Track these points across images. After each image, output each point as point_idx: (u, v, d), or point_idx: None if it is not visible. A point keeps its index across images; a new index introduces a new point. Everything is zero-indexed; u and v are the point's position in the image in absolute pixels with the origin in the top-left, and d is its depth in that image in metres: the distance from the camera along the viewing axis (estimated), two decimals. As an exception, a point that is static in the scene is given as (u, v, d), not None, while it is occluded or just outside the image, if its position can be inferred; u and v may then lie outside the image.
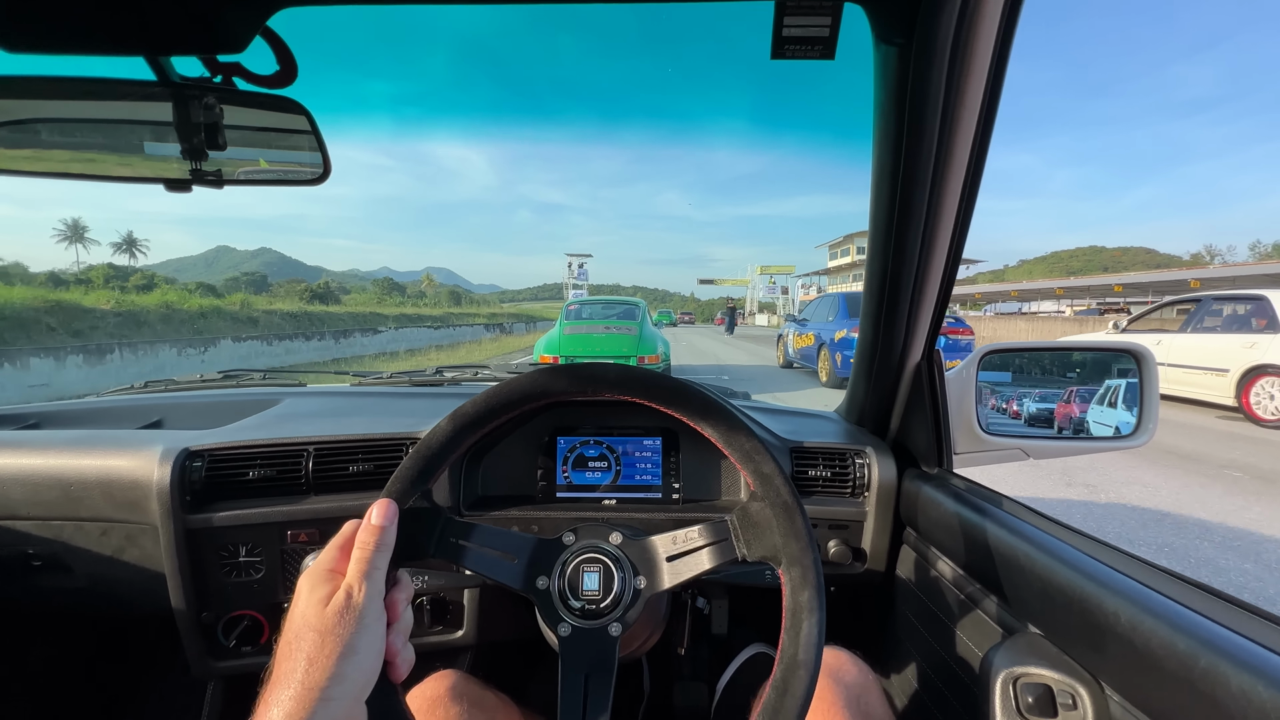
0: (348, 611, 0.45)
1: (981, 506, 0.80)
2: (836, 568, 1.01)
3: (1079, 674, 0.59)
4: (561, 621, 0.57)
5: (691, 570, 0.58)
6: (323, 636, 0.43)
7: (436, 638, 1.08)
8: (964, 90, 0.65)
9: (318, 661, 0.42)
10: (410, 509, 0.56)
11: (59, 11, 0.60)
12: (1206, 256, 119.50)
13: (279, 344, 15.65)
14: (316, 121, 0.71)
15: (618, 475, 1.06)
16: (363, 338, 19.86)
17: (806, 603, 0.52)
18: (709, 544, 0.58)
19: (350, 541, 0.50)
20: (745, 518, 0.58)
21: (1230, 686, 0.42)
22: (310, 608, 0.45)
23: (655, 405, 0.62)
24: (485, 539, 0.58)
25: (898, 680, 1.01)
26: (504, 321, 33.17)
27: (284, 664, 0.43)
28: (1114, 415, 1.03)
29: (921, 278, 0.86)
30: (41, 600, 1.09)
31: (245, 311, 18.08)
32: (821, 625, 0.52)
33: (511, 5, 0.65)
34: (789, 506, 0.56)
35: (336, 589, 0.46)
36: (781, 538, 0.55)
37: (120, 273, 43.19)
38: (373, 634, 0.46)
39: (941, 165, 0.72)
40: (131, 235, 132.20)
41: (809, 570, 0.54)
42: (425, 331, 23.55)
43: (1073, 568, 0.61)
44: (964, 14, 0.60)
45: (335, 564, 0.48)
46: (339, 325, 20.91)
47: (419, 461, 0.58)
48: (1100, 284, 37.63)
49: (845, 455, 1.03)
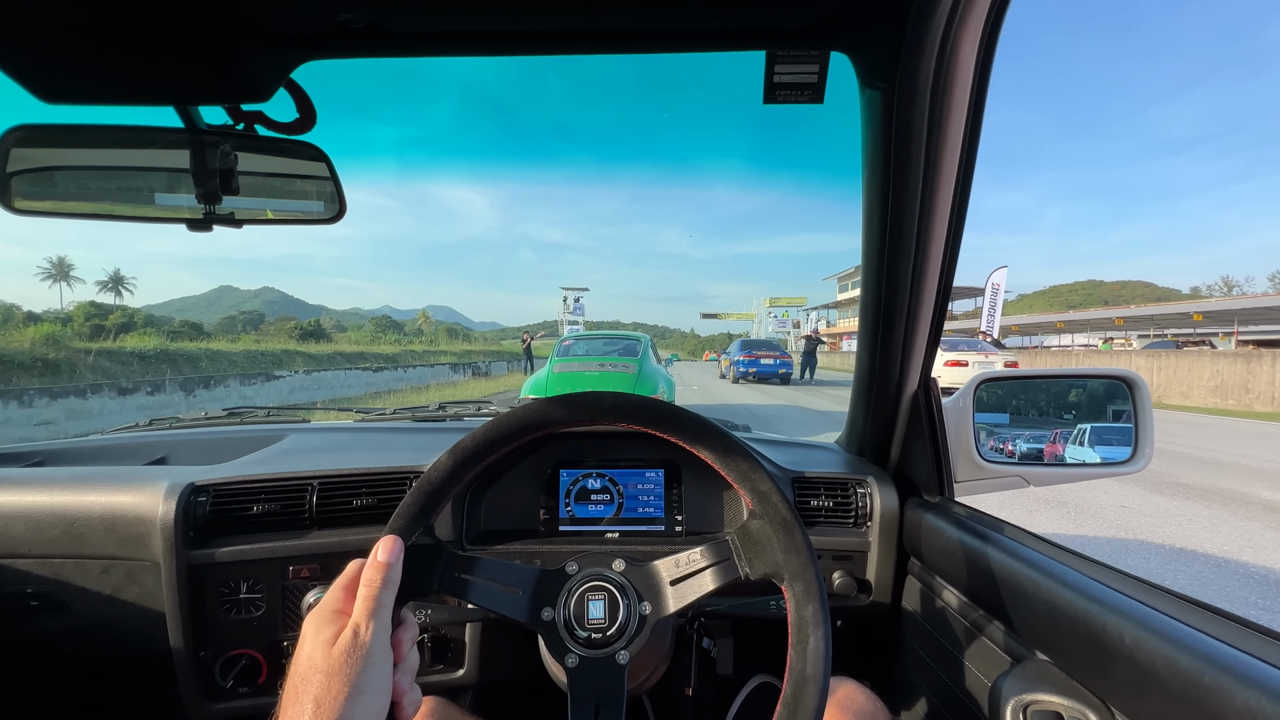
0: (354, 651, 0.44)
1: (984, 533, 0.81)
2: (842, 600, 1.00)
3: (1088, 699, 0.59)
4: (569, 653, 0.57)
5: (696, 592, 0.58)
6: (329, 678, 0.43)
7: (437, 677, 1.06)
8: (946, 129, 0.69)
9: (325, 703, 0.42)
10: (414, 545, 0.56)
11: (96, 64, 0.64)
12: (1224, 288, 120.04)
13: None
14: (331, 164, 0.75)
15: (620, 508, 1.06)
16: (243, 388, 13.19)
17: (811, 617, 0.52)
18: (711, 565, 0.58)
19: (355, 581, 0.49)
20: (745, 536, 0.58)
21: (1235, 703, 0.42)
22: (317, 649, 0.44)
23: (650, 430, 0.62)
24: (489, 572, 0.59)
25: (907, 712, 0.99)
26: (480, 360, 27.29)
27: (291, 708, 0.42)
28: (1085, 453, 1.09)
29: (914, 309, 0.88)
30: (37, 641, 1.07)
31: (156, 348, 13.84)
32: (828, 638, 0.52)
33: (514, 56, 0.70)
34: (788, 522, 0.56)
35: (342, 629, 0.45)
36: (783, 554, 0.56)
37: (101, 311, 42.56)
38: (380, 673, 0.45)
39: (928, 200, 0.75)
40: (119, 273, 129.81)
41: (811, 584, 0.54)
42: (355, 376, 17.35)
43: (1076, 591, 0.62)
44: (942, 58, 0.64)
45: (341, 604, 0.48)
46: (229, 369, 14.65)
47: (421, 497, 0.58)
48: (1100, 317, 37.40)
49: (847, 485, 1.04)
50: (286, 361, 17.34)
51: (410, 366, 21.09)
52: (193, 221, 0.73)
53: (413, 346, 32.27)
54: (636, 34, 0.66)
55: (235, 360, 15.92)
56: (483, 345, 44.25)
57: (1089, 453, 1.08)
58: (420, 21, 0.68)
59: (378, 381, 18.14)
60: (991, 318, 27.51)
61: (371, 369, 18.73)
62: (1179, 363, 14.65)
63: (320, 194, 0.78)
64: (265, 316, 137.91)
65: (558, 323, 70.50)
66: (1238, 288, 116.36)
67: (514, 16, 0.66)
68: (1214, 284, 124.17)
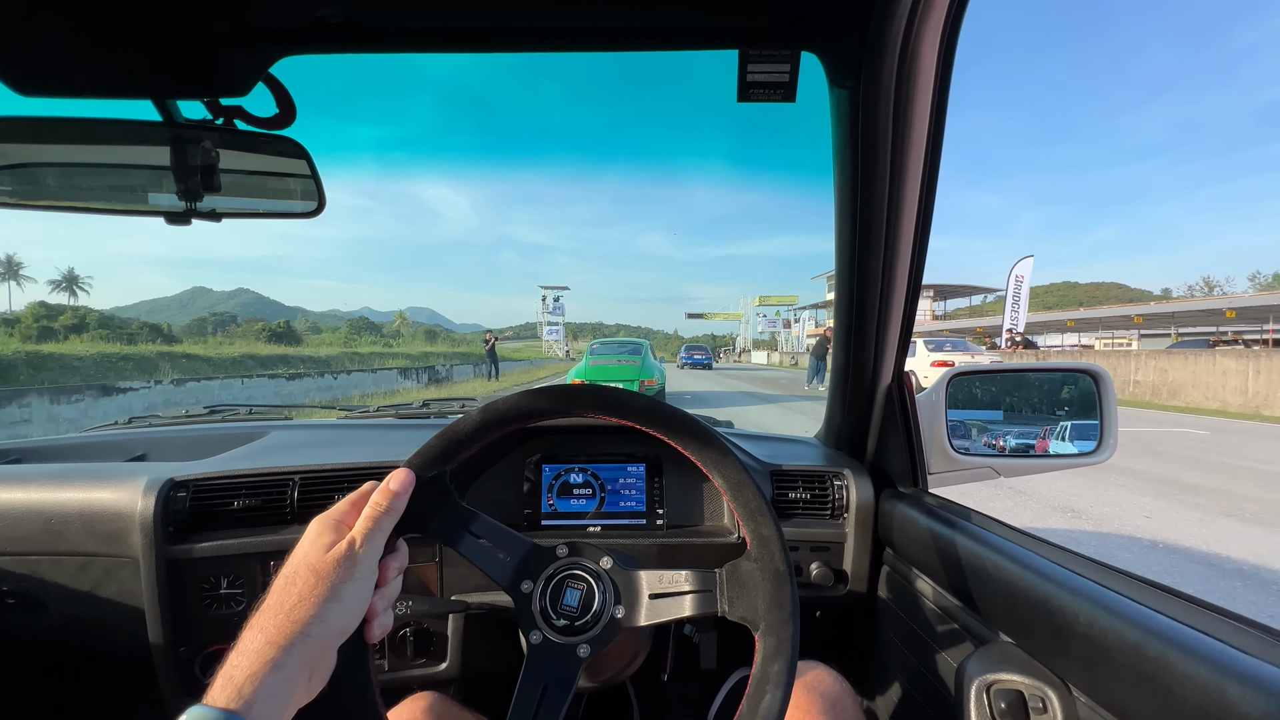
0: (345, 561, 0.48)
1: (952, 521, 0.83)
2: (819, 590, 1.02)
3: (1048, 678, 0.61)
4: (535, 629, 0.58)
5: (670, 614, 0.58)
6: (317, 578, 0.46)
7: (419, 670, 1.06)
8: (910, 127, 0.71)
9: (307, 599, 0.45)
10: (425, 482, 0.58)
11: (71, 57, 0.64)
12: (1204, 288, 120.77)
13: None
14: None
15: (602, 502, 1.07)
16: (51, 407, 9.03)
17: (774, 675, 0.52)
18: (692, 592, 0.58)
19: (364, 499, 0.53)
20: (734, 575, 0.58)
21: (1175, 671, 0.44)
22: (313, 549, 0.48)
23: (667, 439, 0.63)
24: (485, 530, 0.60)
25: (881, 700, 1.01)
26: (438, 364, 23.08)
27: (277, 594, 0.46)
28: (1066, 446, 1.11)
29: (886, 305, 0.90)
30: (12, 640, 1.06)
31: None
32: (785, 701, 0.51)
33: (495, 53, 0.71)
34: (780, 575, 0.56)
35: (340, 539, 0.49)
36: (765, 604, 0.55)
37: (52, 312, 40.88)
38: (361, 588, 0.49)
39: (895, 197, 0.77)
40: (72, 272, 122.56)
41: (785, 643, 0.53)
42: (258, 385, 13.03)
43: (1036, 573, 0.64)
44: (904, 58, 0.66)
45: (345, 517, 0.51)
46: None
47: (445, 442, 0.60)
48: (1116, 315, 33.72)
49: (824, 477, 1.06)
50: (190, 368, 14.49)
51: (345, 372, 16.89)
52: (171, 215, 0.73)
53: (375, 348, 30.23)
54: (612, 32, 0.68)
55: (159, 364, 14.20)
56: (447, 347, 40.09)
57: (1062, 444, 1.10)
58: (397, 18, 0.69)
59: (292, 392, 13.92)
60: (1015, 313, 24.35)
61: (285, 376, 14.57)
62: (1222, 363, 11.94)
63: (301, 189, 0.78)
64: (238, 318, 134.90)
65: (537, 324, 69.44)
66: (1218, 287, 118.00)
67: (489, 14, 0.67)
68: (1195, 284, 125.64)
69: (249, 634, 0.44)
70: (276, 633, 0.44)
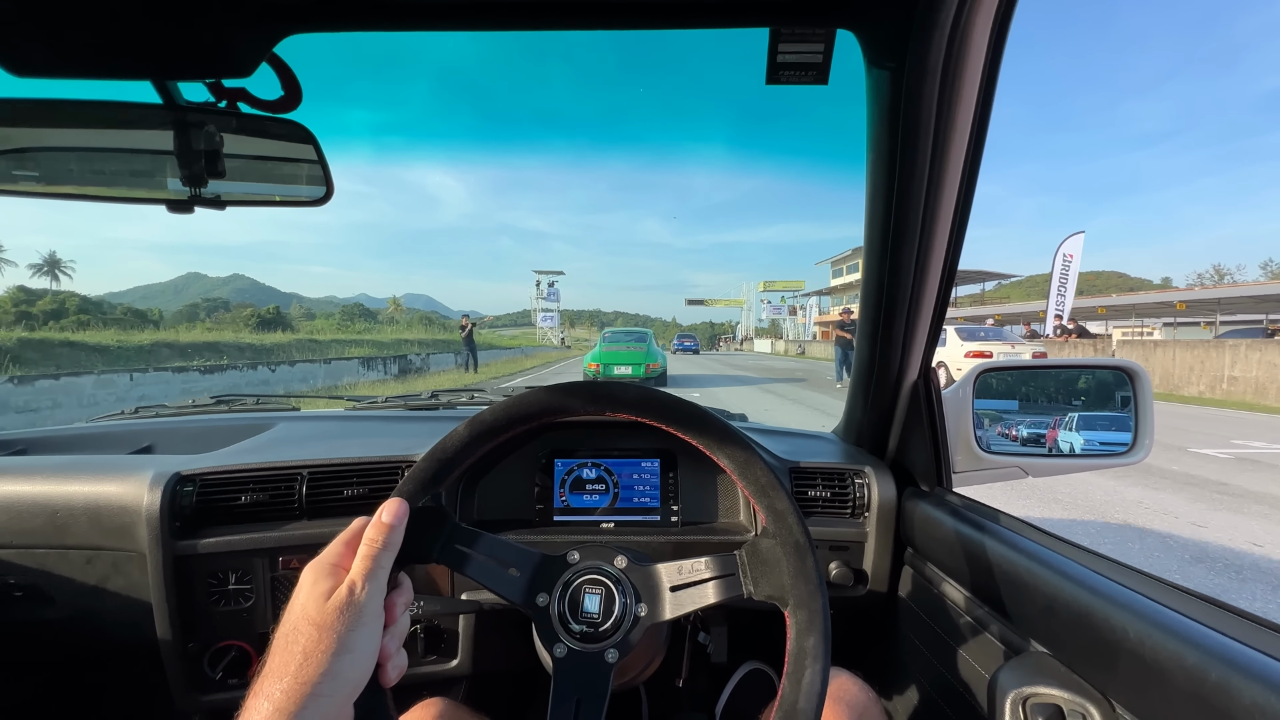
0: (348, 608, 0.44)
1: (980, 523, 0.80)
2: (839, 590, 1.00)
3: (1088, 692, 0.58)
4: (558, 642, 0.56)
5: (695, 603, 0.57)
6: (321, 631, 0.43)
7: (430, 668, 1.05)
8: (955, 111, 0.67)
9: (313, 656, 0.42)
10: (420, 510, 0.55)
11: (68, 36, 0.61)
12: (1215, 276, 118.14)
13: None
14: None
15: (615, 498, 1.05)
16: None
17: (812, 649, 0.51)
18: (715, 578, 0.57)
19: (357, 538, 0.49)
20: (755, 554, 0.56)
21: (1243, 700, 0.42)
22: (311, 601, 0.44)
23: (667, 428, 0.61)
24: (490, 549, 0.58)
25: (902, 704, 0.99)
26: (413, 353, 20.28)
27: (279, 655, 0.42)
28: (1072, 437, 1.09)
29: (917, 297, 0.87)
30: (19, 633, 1.05)
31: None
32: (825, 673, 0.50)
33: (494, 34, 0.67)
34: (800, 547, 0.54)
35: (339, 584, 0.45)
36: (790, 578, 0.54)
37: (31, 297, 40.58)
38: (370, 634, 0.45)
39: (935, 185, 0.73)
40: (54, 255, 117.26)
41: (816, 615, 0.52)
42: (166, 382, 10.27)
43: (1076, 583, 0.61)
44: (954, 36, 0.61)
45: (340, 559, 0.48)
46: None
47: (433, 464, 0.58)
48: (1155, 302, 29.71)
49: (844, 475, 1.03)
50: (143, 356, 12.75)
51: (287, 364, 14.05)
52: (174, 203, 0.70)
53: (365, 334, 29.53)
54: (634, 7, 0.63)
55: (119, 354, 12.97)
56: (444, 334, 37.80)
57: (1084, 441, 1.07)
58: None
59: (208, 388, 11.06)
60: (1062, 298, 20.46)
61: (200, 369, 11.89)
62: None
63: (307, 174, 0.75)
64: (229, 304, 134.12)
65: (531, 311, 68.82)
66: (1229, 275, 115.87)
67: None
68: (1205, 272, 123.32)
69: (255, 704, 0.40)
70: (285, 699, 0.40)
